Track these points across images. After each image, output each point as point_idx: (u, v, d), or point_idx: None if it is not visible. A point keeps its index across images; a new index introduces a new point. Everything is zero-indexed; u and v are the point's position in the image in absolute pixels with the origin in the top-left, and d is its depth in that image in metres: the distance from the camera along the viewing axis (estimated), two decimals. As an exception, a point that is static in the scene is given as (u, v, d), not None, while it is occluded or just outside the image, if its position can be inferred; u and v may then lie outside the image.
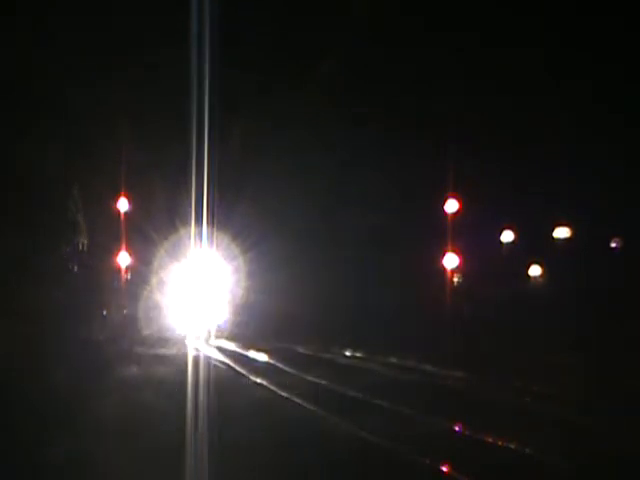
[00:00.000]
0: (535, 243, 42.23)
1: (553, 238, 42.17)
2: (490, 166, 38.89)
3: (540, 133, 37.56)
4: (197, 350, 29.49)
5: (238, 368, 25.04)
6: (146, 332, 37.38)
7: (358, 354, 29.92)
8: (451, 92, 38.24)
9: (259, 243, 38.53)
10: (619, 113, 34.77)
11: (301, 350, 33.65)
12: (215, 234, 37.67)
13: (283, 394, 18.53)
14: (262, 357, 29.82)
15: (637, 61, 34.04)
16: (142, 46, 33.26)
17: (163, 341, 34.98)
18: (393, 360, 27.10)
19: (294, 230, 40.91)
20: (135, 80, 33.63)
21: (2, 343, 23.80)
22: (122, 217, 38.18)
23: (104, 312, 36.39)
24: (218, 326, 39.68)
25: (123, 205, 38.21)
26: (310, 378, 22.05)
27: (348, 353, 30.94)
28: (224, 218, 37.19)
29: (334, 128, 39.54)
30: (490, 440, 13.02)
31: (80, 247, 33.00)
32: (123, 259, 38.97)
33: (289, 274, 39.42)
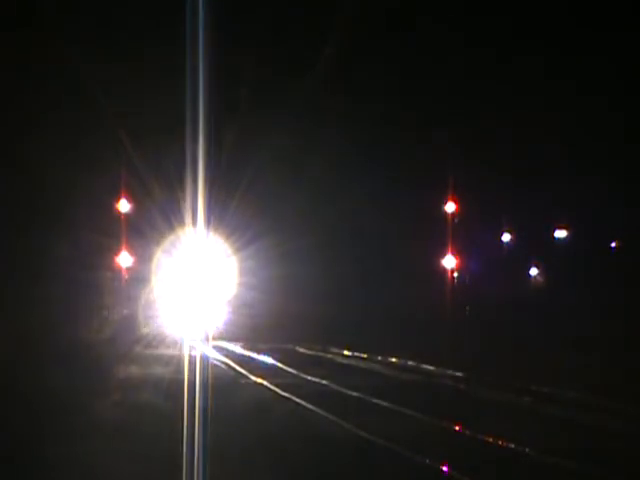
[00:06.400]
0: (535, 244, 42.27)
1: (553, 239, 42.20)
2: (490, 168, 38.93)
3: (540, 134, 37.58)
4: (196, 349, 29.45)
5: (238, 368, 25.03)
6: (145, 331, 37.38)
7: (358, 354, 29.91)
8: (451, 93, 38.30)
9: (257, 242, 38.53)
10: (619, 113, 34.80)
11: (301, 350, 33.67)
12: (213, 233, 37.63)
13: (284, 394, 18.53)
14: (262, 357, 29.82)
15: (637, 61, 34.08)
16: (140, 47, 33.29)
17: (162, 340, 34.96)
18: (394, 360, 27.10)
19: (294, 229, 40.92)
20: (133, 81, 33.65)
21: (2, 343, 23.78)
22: (122, 217, 38.21)
23: (104, 312, 36.39)
24: (217, 326, 39.67)
25: (123, 206, 38.26)
26: (311, 378, 22.06)
27: (348, 353, 30.93)
28: (223, 217, 37.17)
29: (334, 128, 39.56)
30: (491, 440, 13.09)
31: (80, 247, 32.98)
32: (123, 259, 38.98)
33: (289, 274, 39.43)
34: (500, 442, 12.81)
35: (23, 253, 27.22)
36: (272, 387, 19.92)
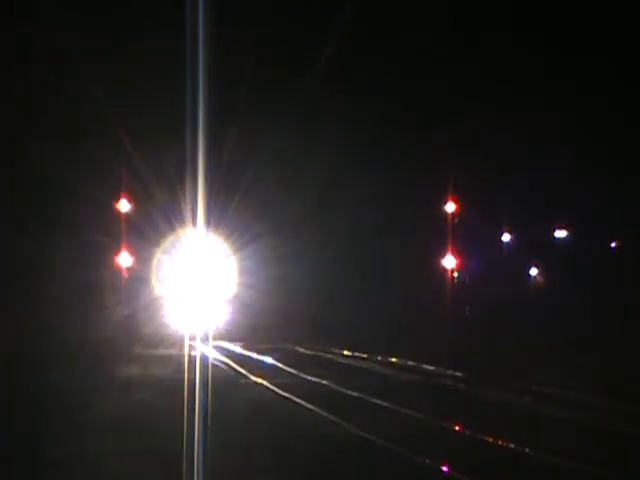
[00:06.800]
0: (535, 244, 42.27)
1: (553, 239, 42.20)
2: (490, 168, 38.94)
3: (540, 134, 37.58)
4: (196, 350, 29.44)
5: (238, 368, 25.03)
6: (145, 331, 37.34)
7: (358, 354, 29.91)
8: (451, 94, 38.30)
9: (257, 242, 38.51)
10: (619, 113, 34.81)
11: (301, 350, 33.66)
12: (213, 233, 37.61)
13: (284, 394, 18.52)
14: (262, 357, 29.82)
15: (636, 62, 34.10)
16: (140, 46, 33.28)
17: (162, 340, 34.94)
18: (394, 360, 27.10)
19: (294, 229, 40.91)
20: (133, 81, 33.65)
21: (3, 343, 23.78)
22: (122, 217, 38.19)
23: (104, 312, 36.37)
24: (217, 326, 39.63)
25: (123, 206, 38.25)
26: (310, 378, 22.05)
27: (348, 353, 30.93)
28: (223, 217, 37.13)
29: (334, 128, 39.56)
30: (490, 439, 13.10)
31: (80, 247, 32.99)
32: (123, 259, 38.96)
33: (289, 274, 39.42)
34: (500, 442, 12.81)
35: (23, 253, 27.23)
36: (272, 387, 19.92)
